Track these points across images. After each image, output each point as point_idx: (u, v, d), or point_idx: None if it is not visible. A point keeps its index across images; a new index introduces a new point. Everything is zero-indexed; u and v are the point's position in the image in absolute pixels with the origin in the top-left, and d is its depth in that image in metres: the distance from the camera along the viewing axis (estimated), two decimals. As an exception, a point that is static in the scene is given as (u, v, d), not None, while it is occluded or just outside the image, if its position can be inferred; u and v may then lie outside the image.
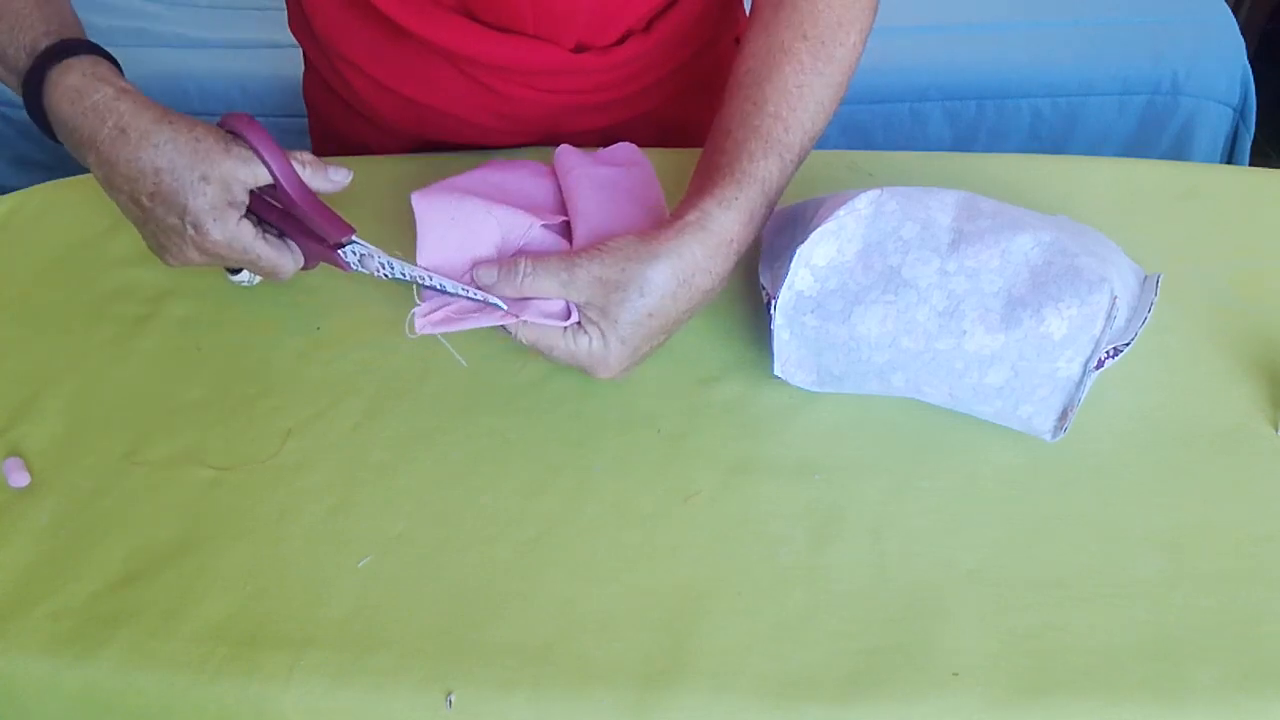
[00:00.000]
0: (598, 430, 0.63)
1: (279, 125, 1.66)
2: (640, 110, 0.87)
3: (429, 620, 0.54)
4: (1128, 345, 0.59)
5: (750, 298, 0.71)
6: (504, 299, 0.59)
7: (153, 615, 0.55)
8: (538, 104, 0.82)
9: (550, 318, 0.59)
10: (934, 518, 0.58)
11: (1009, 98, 1.64)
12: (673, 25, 0.82)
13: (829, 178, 0.80)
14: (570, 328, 0.59)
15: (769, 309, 0.62)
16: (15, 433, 0.65)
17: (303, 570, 0.57)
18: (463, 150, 0.85)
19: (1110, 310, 0.57)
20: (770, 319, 0.62)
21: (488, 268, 0.60)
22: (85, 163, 0.61)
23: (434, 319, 0.60)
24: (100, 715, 0.54)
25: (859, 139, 1.67)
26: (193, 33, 1.77)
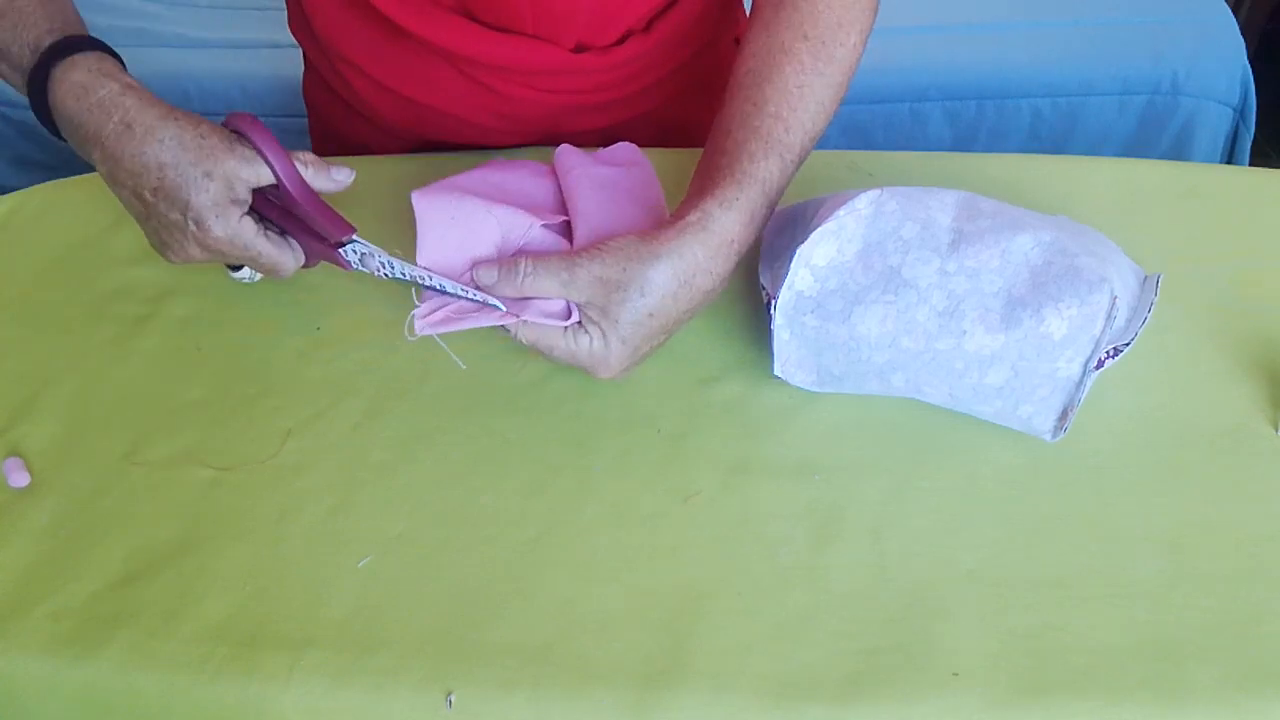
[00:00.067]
0: (598, 430, 0.63)
1: (279, 125, 1.65)
2: (640, 110, 0.87)
3: (429, 620, 0.54)
4: (1128, 345, 0.59)
5: (750, 298, 0.71)
6: (504, 299, 0.59)
7: (153, 615, 0.55)
8: (538, 104, 0.82)
9: (551, 318, 0.59)
10: (934, 518, 0.58)
11: (1009, 98, 1.64)
12: (673, 25, 0.82)
13: (829, 178, 0.80)
14: (571, 328, 0.59)
15: (769, 309, 0.62)
16: (15, 433, 0.65)
17: (303, 570, 0.57)
18: (463, 150, 0.85)
19: (1110, 310, 0.57)
20: (770, 319, 0.62)
21: (488, 268, 0.59)
22: (90, 159, 0.61)
23: (433, 320, 0.60)
24: (100, 715, 0.54)
25: (859, 139, 1.67)
26: (193, 33, 1.77)
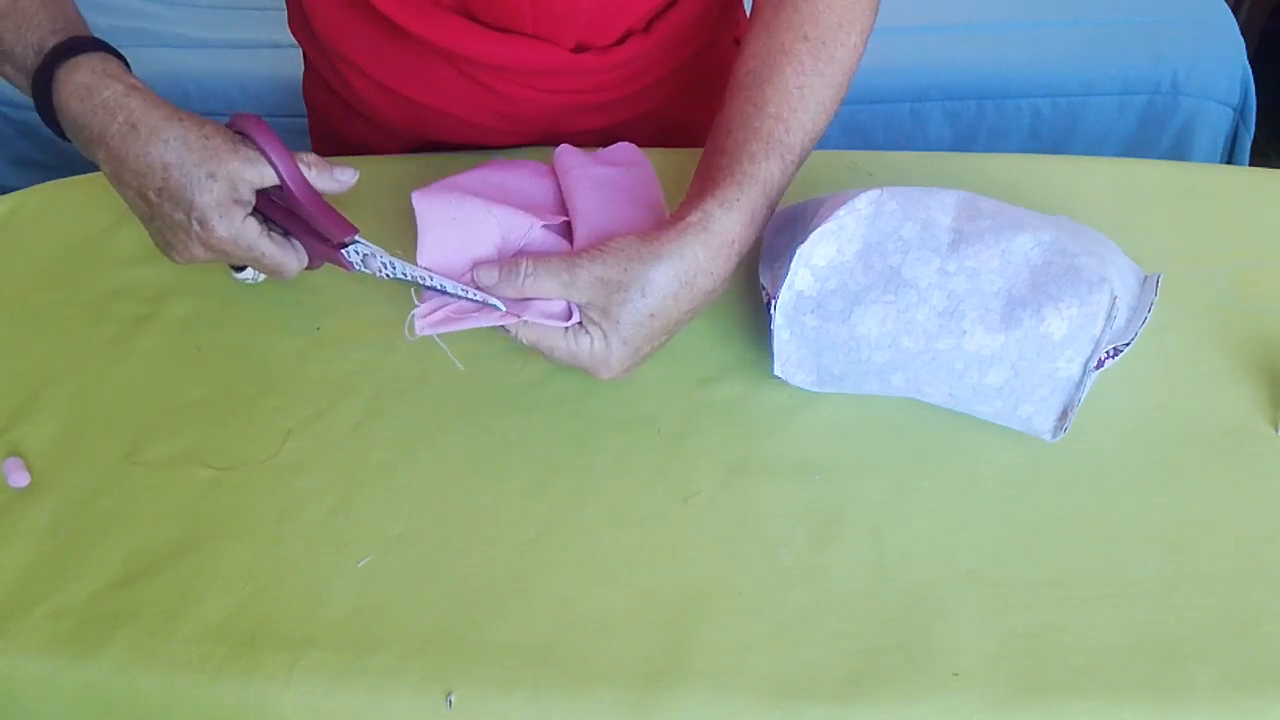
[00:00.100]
0: (598, 430, 0.63)
1: (279, 125, 1.64)
2: (640, 110, 0.87)
3: (429, 620, 0.54)
4: (1128, 345, 0.59)
5: (750, 298, 0.71)
6: (504, 299, 0.59)
7: (153, 615, 0.55)
8: (538, 104, 0.82)
9: (551, 318, 0.58)
10: (934, 518, 0.58)
11: (1009, 98, 1.64)
12: (673, 25, 0.82)
13: (829, 178, 0.79)
14: (571, 328, 0.59)
15: (769, 309, 0.62)
16: (15, 433, 0.65)
17: (303, 570, 0.57)
18: (463, 150, 0.85)
19: (1110, 310, 0.57)
20: (770, 319, 0.62)
21: (489, 268, 0.59)
22: (94, 159, 0.61)
23: (433, 319, 0.60)
24: (100, 715, 0.54)
25: (859, 139, 1.67)
26: (193, 33, 1.77)
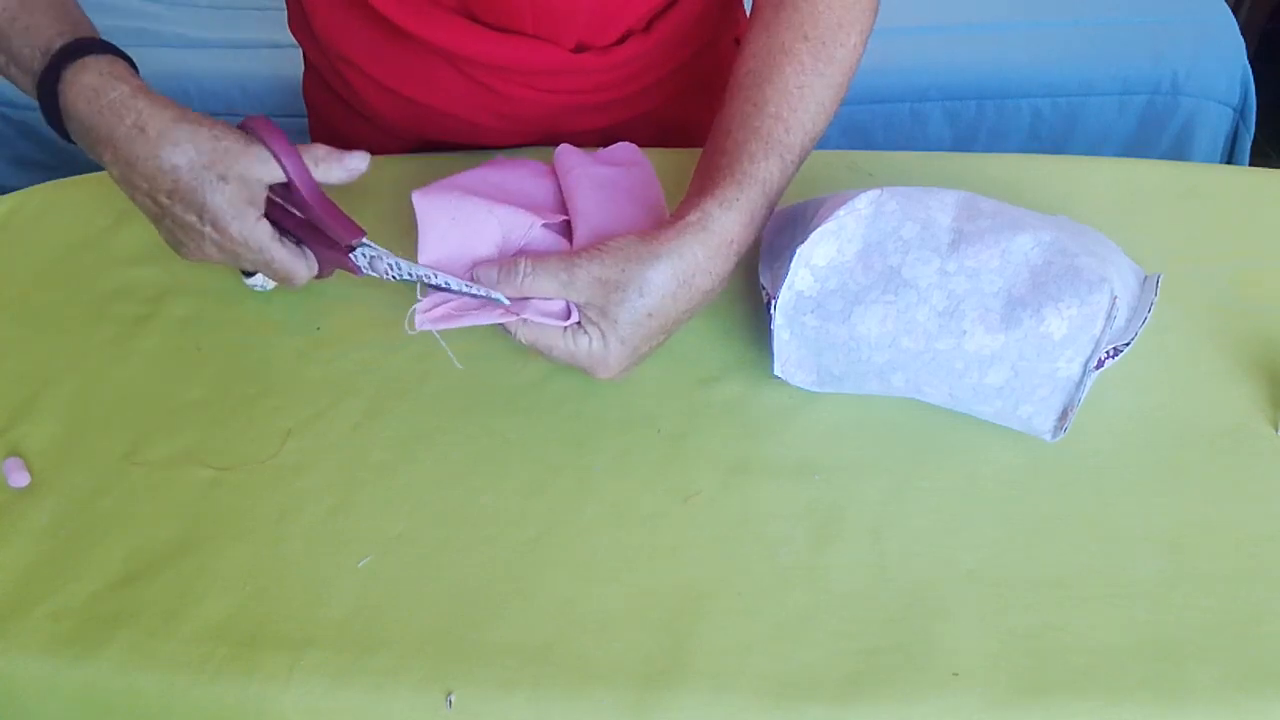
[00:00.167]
0: (598, 430, 0.63)
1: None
2: (640, 110, 0.87)
3: (429, 620, 0.54)
4: (1128, 345, 0.59)
5: (750, 298, 0.71)
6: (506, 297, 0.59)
7: (153, 615, 0.55)
8: (538, 104, 0.82)
9: (550, 317, 0.59)
10: (934, 518, 0.58)
11: (1009, 98, 1.64)
12: (673, 25, 0.82)
13: (829, 178, 0.80)
14: (570, 328, 0.59)
15: (769, 309, 0.62)
16: (15, 433, 0.65)
17: (303, 570, 0.57)
18: (463, 150, 0.85)
19: (1110, 310, 0.57)
20: (770, 319, 0.62)
21: (488, 268, 0.59)
22: (101, 161, 0.60)
23: (433, 315, 0.60)
24: (100, 715, 0.54)
25: (859, 139, 1.67)
26: (193, 33, 1.77)
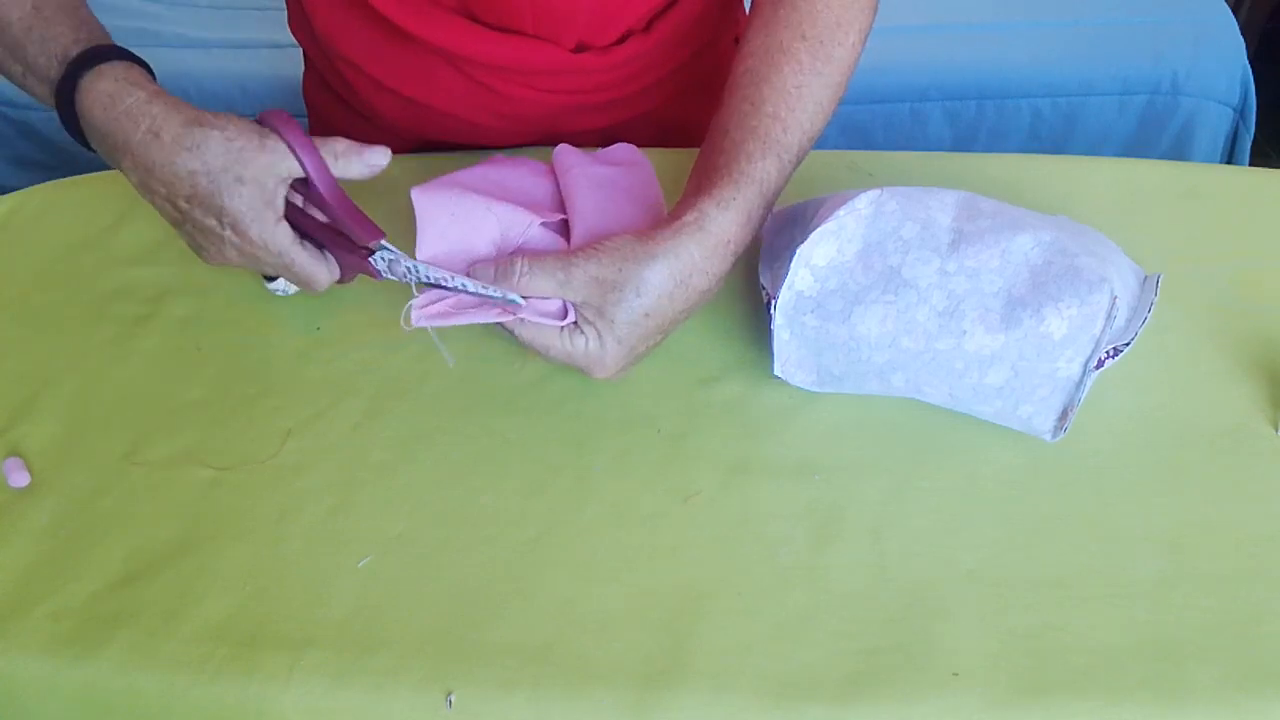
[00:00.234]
0: (598, 430, 0.63)
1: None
2: (640, 110, 0.87)
3: (429, 620, 0.54)
4: (1128, 345, 0.59)
5: (750, 298, 0.71)
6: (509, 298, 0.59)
7: (153, 615, 0.55)
8: (538, 104, 0.82)
9: (547, 317, 0.58)
10: (934, 518, 0.58)
11: (1009, 98, 1.64)
12: (673, 25, 0.82)
13: (829, 178, 0.79)
14: (567, 328, 0.59)
15: (769, 309, 0.62)
16: (15, 433, 0.65)
17: (303, 570, 0.57)
18: (463, 150, 0.85)
19: (1110, 310, 0.57)
20: (770, 319, 0.62)
21: (484, 267, 0.59)
22: (120, 168, 0.60)
23: (430, 312, 0.59)
24: (100, 715, 0.54)
25: (859, 139, 1.67)
26: (193, 33, 1.77)
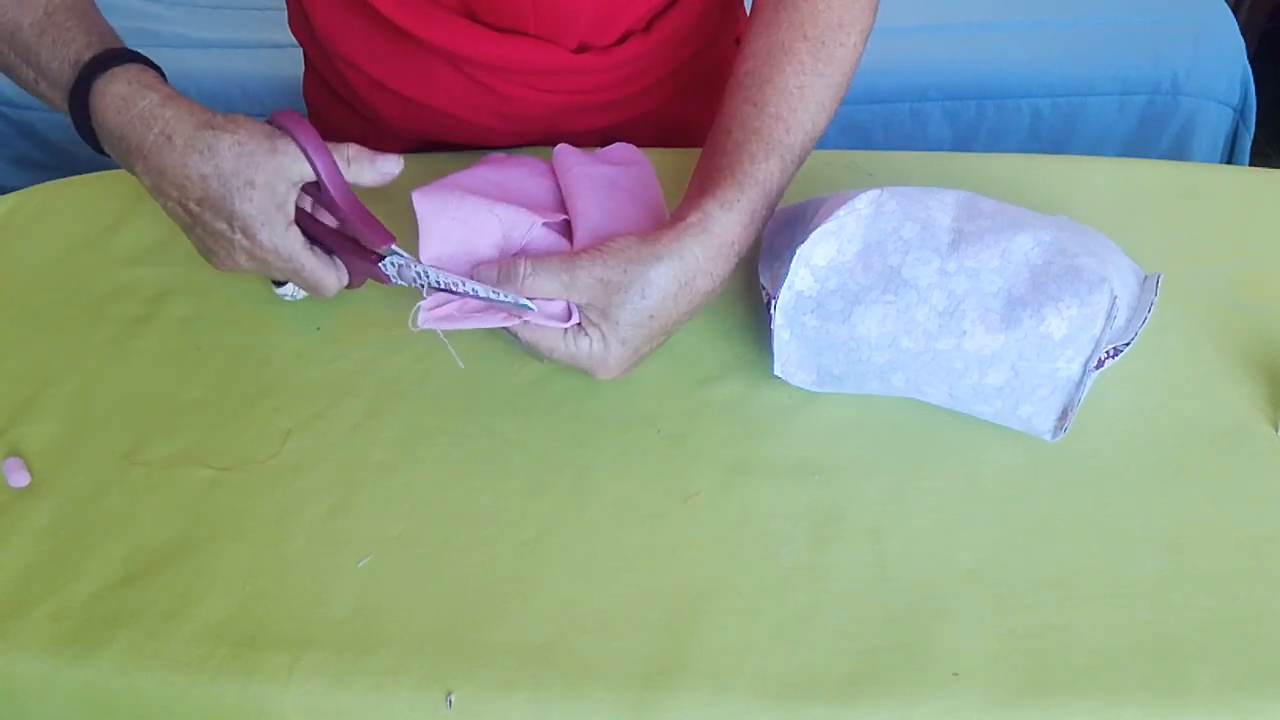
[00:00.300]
0: (598, 430, 0.63)
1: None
2: (641, 110, 0.87)
3: (429, 620, 0.54)
4: (1128, 345, 0.59)
5: (750, 298, 0.71)
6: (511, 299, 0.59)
7: (153, 615, 0.55)
8: (538, 104, 0.82)
9: (551, 319, 0.58)
10: (934, 518, 0.58)
11: (1009, 98, 1.64)
12: (673, 25, 0.82)
13: (829, 178, 0.80)
14: (571, 329, 0.59)
15: (769, 309, 0.62)
16: (15, 433, 0.65)
17: (303, 570, 0.57)
18: (463, 150, 0.85)
19: (1110, 310, 0.57)
20: (770, 319, 0.62)
21: (488, 268, 0.59)
22: (133, 171, 0.60)
23: (438, 314, 0.60)
24: (100, 715, 0.54)
25: (859, 139, 1.67)
26: (193, 33, 1.77)
